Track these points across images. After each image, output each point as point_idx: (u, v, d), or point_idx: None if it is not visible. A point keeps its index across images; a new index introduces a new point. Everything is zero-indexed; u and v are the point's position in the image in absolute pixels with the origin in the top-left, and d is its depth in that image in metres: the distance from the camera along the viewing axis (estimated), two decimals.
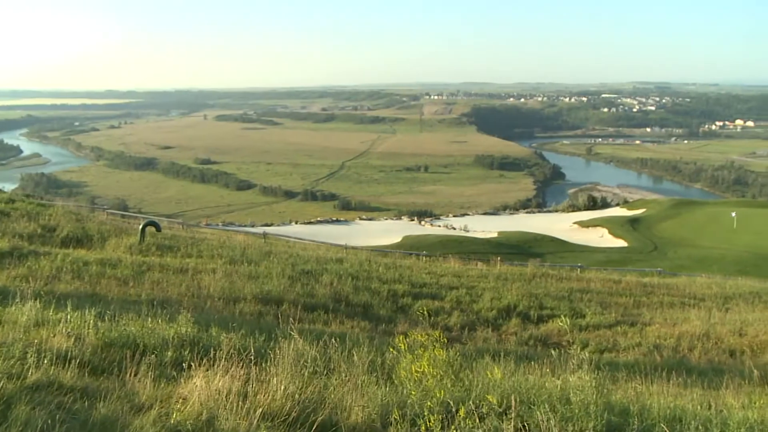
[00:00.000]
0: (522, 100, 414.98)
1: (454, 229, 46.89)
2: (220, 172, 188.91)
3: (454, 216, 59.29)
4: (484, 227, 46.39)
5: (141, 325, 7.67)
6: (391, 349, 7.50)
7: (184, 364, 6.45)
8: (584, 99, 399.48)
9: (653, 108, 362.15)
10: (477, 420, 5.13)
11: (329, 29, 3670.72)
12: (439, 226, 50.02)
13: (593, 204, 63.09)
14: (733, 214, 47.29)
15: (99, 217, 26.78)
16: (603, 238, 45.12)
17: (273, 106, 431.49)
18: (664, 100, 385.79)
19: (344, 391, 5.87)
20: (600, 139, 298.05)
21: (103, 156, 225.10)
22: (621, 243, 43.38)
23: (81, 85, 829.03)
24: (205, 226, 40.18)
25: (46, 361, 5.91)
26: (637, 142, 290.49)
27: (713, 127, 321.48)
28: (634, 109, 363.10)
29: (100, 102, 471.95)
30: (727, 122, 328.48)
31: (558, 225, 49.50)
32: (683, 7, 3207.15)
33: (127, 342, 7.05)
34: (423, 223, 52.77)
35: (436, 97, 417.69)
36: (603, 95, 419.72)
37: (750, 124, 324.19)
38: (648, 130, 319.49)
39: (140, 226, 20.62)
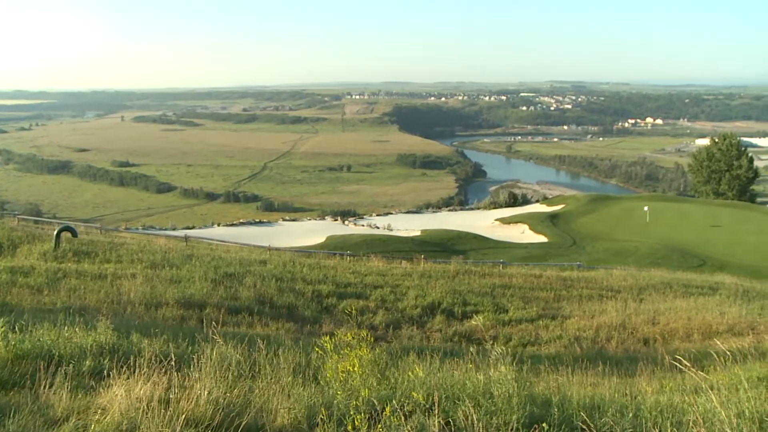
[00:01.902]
0: (443, 99, 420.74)
1: (378, 228, 46.82)
2: (139, 175, 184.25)
3: (377, 215, 59.15)
4: (408, 226, 46.53)
5: (56, 335, 7.41)
6: (316, 350, 7.47)
7: (103, 373, 6.26)
8: (504, 98, 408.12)
9: (570, 106, 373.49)
10: (403, 417, 5.15)
11: (249, 29, 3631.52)
12: (363, 225, 49.84)
13: (514, 201, 64.04)
14: (646, 209, 48.92)
15: (9, 224, 25.73)
16: (524, 234, 45.87)
17: (193, 106, 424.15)
18: (579, 99, 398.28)
19: (270, 394, 5.82)
20: (519, 137, 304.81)
21: (13, 159, 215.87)
22: (541, 238, 44.19)
23: None
24: (124, 230, 39.08)
25: None
26: (555, 139, 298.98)
27: (626, 124, 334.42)
28: (552, 108, 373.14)
29: (8, 103, 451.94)
30: (638, 120, 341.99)
31: (480, 222, 50.08)
32: (595, 9, 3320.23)
33: (40, 353, 6.79)
34: (346, 222, 52.52)
35: (357, 97, 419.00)
36: (521, 94, 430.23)
37: (659, 122, 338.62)
38: (565, 127, 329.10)
39: (55, 232, 20.02)
